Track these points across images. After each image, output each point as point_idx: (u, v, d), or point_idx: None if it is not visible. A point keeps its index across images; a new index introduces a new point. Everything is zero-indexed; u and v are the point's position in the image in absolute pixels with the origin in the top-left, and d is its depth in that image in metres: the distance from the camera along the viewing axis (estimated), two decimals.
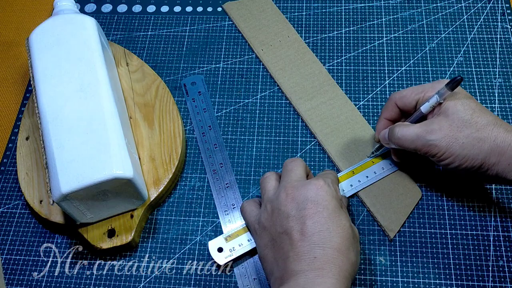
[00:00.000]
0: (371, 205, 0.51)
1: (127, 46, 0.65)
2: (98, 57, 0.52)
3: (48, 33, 0.53)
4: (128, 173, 0.45)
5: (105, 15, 0.68)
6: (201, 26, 0.66)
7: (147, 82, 0.60)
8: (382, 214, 0.51)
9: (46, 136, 0.47)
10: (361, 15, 0.65)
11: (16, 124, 0.60)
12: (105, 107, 0.48)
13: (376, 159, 0.53)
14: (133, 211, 0.51)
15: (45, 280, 0.50)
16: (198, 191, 0.54)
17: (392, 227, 0.50)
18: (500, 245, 0.49)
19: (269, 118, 0.58)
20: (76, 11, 0.58)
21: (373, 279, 0.48)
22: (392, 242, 0.50)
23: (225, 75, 0.62)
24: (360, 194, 0.52)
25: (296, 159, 0.48)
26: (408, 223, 0.51)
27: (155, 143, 0.55)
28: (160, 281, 0.49)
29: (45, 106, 0.48)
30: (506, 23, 0.63)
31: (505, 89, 0.58)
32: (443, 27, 0.64)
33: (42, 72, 0.50)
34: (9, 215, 0.54)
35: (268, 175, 0.48)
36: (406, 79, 0.60)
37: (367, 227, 0.51)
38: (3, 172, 0.57)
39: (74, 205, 0.45)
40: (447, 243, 0.49)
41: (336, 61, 0.62)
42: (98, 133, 0.47)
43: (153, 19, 0.68)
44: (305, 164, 0.48)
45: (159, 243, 0.51)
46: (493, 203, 0.51)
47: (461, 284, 0.47)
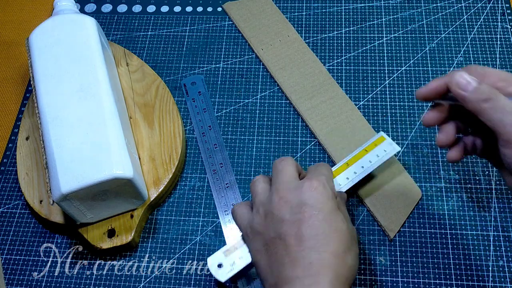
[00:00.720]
0: (371, 205, 0.51)
1: (127, 46, 0.65)
2: (98, 57, 0.52)
3: (48, 33, 0.53)
4: (128, 173, 0.45)
5: (105, 15, 0.68)
6: (201, 26, 0.66)
7: (147, 82, 0.60)
8: (382, 214, 0.51)
9: (46, 136, 0.47)
10: (361, 15, 0.65)
11: (16, 124, 0.60)
12: (105, 107, 0.48)
13: (370, 147, 0.52)
14: (133, 211, 0.51)
15: (45, 280, 0.50)
16: (198, 191, 0.54)
17: (392, 227, 0.50)
18: (500, 245, 0.49)
19: (269, 118, 0.58)
20: (76, 11, 0.58)
21: (373, 279, 0.48)
22: (392, 242, 0.50)
23: (225, 75, 0.62)
24: (360, 193, 0.52)
25: (286, 158, 0.45)
26: (408, 223, 0.51)
27: (155, 143, 0.55)
28: (160, 281, 0.49)
29: (45, 106, 0.48)
30: (506, 23, 0.63)
31: None
32: (443, 27, 0.64)
33: (42, 72, 0.50)
34: (9, 215, 0.54)
35: (258, 178, 0.45)
36: (406, 79, 0.60)
37: (367, 227, 0.51)
38: (3, 172, 0.57)
39: (74, 205, 0.45)
40: (447, 243, 0.49)
41: (336, 61, 0.62)
42: (98, 133, 0.47)
43: (153, 19, 0.68)
44: (296, 162, 0.45)
45: (159, 243, 0.51)
46: (493, 203, 0.51)
47: (461, 284, 0.47)
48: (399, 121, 0.57)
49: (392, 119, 0.57)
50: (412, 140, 0.55)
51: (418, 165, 0.54)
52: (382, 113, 0.57)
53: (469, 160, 0.54)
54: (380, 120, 0.57)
